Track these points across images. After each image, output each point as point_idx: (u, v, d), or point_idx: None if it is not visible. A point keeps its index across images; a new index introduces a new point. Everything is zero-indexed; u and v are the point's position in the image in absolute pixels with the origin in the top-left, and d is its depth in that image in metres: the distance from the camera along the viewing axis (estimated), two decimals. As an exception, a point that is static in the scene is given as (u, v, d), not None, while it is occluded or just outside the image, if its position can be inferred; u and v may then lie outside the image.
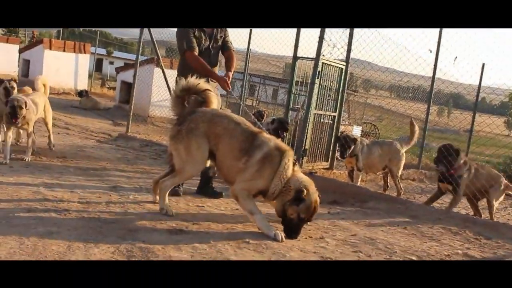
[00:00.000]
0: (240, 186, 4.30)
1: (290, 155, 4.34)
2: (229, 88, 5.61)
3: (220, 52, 5.89)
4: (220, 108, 5.67)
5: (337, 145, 8.20)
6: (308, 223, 4.43)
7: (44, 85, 7.44)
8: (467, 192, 6.62)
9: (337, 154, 8.32)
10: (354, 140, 7.83)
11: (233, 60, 5.86)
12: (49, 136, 7.61)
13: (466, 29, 7.52)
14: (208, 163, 4.70)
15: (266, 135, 4.54)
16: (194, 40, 5.51)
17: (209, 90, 4.73)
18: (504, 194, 6.85)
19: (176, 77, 5.62)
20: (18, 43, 22.99)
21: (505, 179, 6.91)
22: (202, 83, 4.68)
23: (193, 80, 4.66)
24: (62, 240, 3.49)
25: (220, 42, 5.81)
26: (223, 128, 4.44)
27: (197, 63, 5.45)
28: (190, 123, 4.46)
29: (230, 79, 5.64)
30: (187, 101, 4.70)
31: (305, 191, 4.14)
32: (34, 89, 7.48)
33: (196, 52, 5.51)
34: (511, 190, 6.99)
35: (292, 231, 4.21)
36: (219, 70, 6.18)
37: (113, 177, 6.28)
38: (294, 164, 4.35)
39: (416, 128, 8.35)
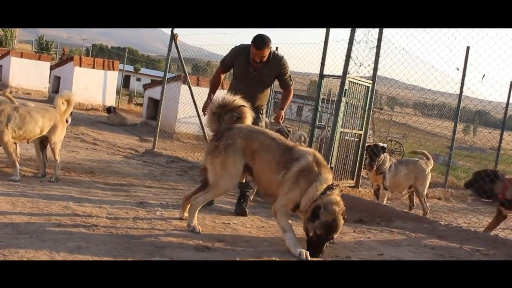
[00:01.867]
0: (280, 203, 4.32)
1: (327, 178, 4.29)
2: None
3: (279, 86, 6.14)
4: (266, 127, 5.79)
5: (367, 155, 8.12)
6: (334, 241, 4.40)
7: (67, 102, 6.47)
8: None
9: (365, 163, 8.21)
10: (383, 148, 7.78)
11: (289, 97, 6.05)
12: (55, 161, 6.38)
13: (494, 48, 7.42)
14: (244, 179, 4.76)
15: (302, 148, 4.56)
16: (227, 63, 5.97)
17: (244, 106, 4.78)
18: None
19: (210, 94, 5.84)
20: (49, 60, 23.59)
21: None
22: (237, 100, 4.73)
23: (228, 97, 4.72)
24: (91, 256, 3.53)
25: (268, 79, 5.91)
26: (260, 144, 4.48)
27: (212, 78, 6.30)
28: (227, 139, 4.51)
29: (282, 117, 5.93)
30: (222, 118, 4.74)
31: (322, 209, 4.11)
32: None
33: (222, 70, 6.07)
34: None
35: (312, 249, 4.18)
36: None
37: (140, 192, 6.33)
38: (330, 188, 4.26)
39: (424, 152, 8.56)
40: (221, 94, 4.99)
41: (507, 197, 6.25)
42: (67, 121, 6.70)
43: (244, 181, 5.04)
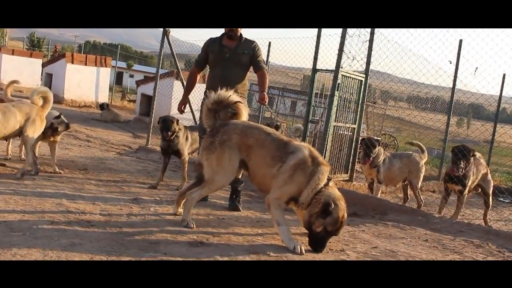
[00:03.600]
0: (274, 195, 4.33)
1: (326, 170, 4.35)
2: (182, 113, 6.28)
3: (253, 70, 6.15)
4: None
5: (360, 148, 8.13)
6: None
7: (45, 98, 6.30)
8: None
9: (359, 157, 8.23)
10: (377, 141, 7.79)
11: (265, 79, 6.04)
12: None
13: (487, 41, 7.44)
14: (240, 174, 4.80)
15: (297, 142, 4.58)
16: (200, 58, 6.23)
17: (240, 102, 4.78)
18: None
19: (206, 90, 5.91)
20: (41, 58, 23.43)
21: None
22: (233, 96, 4.74)
23: (224, 92, 4.72)
24: (85, 252, 3.52)
25: (243, 58, 5.97)
26: (255, 139, 4.49)
27: (187, 78, 6.49)
28: (223, 135, 4.52)
29: (266, 99, 5.89)
30: (218, 114, 4.74)
31: (333, 205, 4.16)
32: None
33: (197, 68, 6.32)
34: None
35: (317, 244, 4.24)
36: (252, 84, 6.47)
37: (134, 189, 6.33)
38: (329, 180, 4.36)
39: (420, 144, 8.59)
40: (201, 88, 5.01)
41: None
42: (68, 128, 6.71)
43: (240, 177, 5.06)
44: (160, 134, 6.79)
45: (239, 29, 5.97)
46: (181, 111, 6.30)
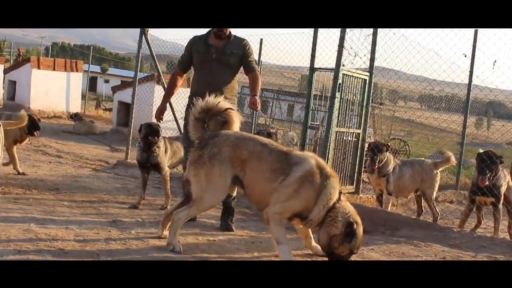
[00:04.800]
0: (274, 209, 4.31)
1: (337, 182, 4.39)
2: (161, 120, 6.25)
3: (244, 72, 6.14)
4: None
5: (367, 156, 8.15)
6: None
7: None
8: None
9: (366, 165, 8.25)
10: (387, 146, 7.81)
11: (258, 81, 6.04)
12: None
13: (505, 30, 7.51)
14: (235, 192, 4.80)
15: (300, 151, 4.59)
16: (184, 58, 6.23)
17: (230, 109, 4.78)
18: None
19: (190, 96, 5.90)
20: (2, 63, 23.34)
21: None
22: (222, 102, 4.73)
23: (212, 99, 4.69)
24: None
25: (231, 59, 5.97)
26: (250, 152, 4.48)
27: (169, 80, 6.53)
28: (213, 147, 4.50)
29: (258, 104, 5.86)
30: (207, 123, 4.74)
31: (355, 224, 4.24)
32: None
33: (180, 69, 6.32)
34: None
35: None
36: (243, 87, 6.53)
37: (112, 210, 6.32)
38: (340, 193, 4.40)
39: (448, 154, 8.32)
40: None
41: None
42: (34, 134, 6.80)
43: (234, 194, 5.07)
44: (142, 142, 6.73)
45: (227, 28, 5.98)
46: (159, 118, 6.26)
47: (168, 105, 6.73)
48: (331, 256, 4.34)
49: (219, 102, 4.70)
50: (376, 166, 7.68)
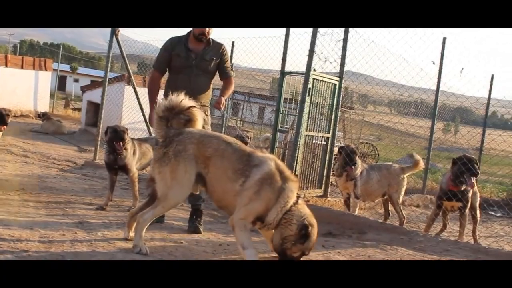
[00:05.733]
0: (238, 215, 4.33)
1: (295, 187, 4.42)
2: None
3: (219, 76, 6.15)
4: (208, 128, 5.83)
5: (336, 160, 8.21)
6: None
7: None
8: None
9: (334, 169, 8.32)
10: (356, 151, 7.89)
11: (231, 87, 6.10)
12: None
13: (472, 39, 7.67)
14: (197, 190, 4.79)
15: (262, 153, 4.60)
16: (163, 59, 6.06)
17: (194, 107, 4.78)
18: None
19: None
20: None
21: None
22: (185, 101, 4.72)
23: (175, 98, 4.70)
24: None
25: (210, 66, 5.97)
26: (214, 149, 4.49)
27: (150, 84, 6.19)
28: (177, 145, 4.50)
29: (223, 104, 5.86)
30: (170, 122, 4.73)
31: (310, 227, 4.26)
32: None
33: (159, 72, 6.14)
34: None
35: None
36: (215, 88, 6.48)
37: (79, 211, 6.26)
38: (298, 197, 4.43)
39: (417, 158, 8.33)
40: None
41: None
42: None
43: (198, 192, 5.06)
44: (108, 145, 6.71)
45: (210, 30, 5.90)
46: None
47: (138, 105, 6.69)
48: (282, 256, 4.35)
49: (181, 100, 4.70)
50: (352, 170, 7.74)
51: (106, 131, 6.66)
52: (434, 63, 10.63)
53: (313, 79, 7.66)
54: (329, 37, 7.85)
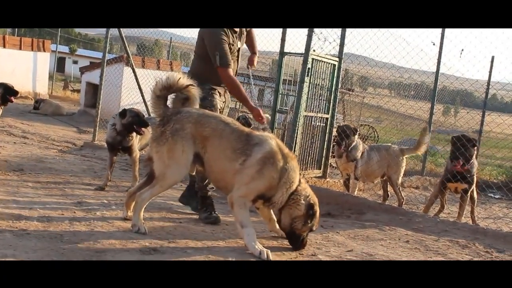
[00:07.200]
0: (238, 193, 4.33)
1: (296, 165, 4.48)
2: (264, 122, 5.54)
3: None
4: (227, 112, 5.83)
5: (335, 140, 8.21)
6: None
7: None
8: None
9: (334, 150, 8.32)
10: (355, 130, 7.87)
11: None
12: None
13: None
14: (194, 170, 4.81)
15: (260, 132, 4.60)
16: (229, 52, 5.42)
17: (192, 85, 4.75)
18: None
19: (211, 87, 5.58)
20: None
21: None
22: (182, 79, 4.69)
23: (172, 76, 4.67)
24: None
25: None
26: (212, 129, 4.49)
27: (233, 86, 5.48)
28: (175, 124, 4.48)
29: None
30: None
31: (315, 206, 4.41)
32: None
33: (231, 70, 5.46)
34: None
35: (301, 243, 4.52)
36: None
37: (78, 191, 6.26)
38: (299, 174, 4.49)
39: (427, 138, 8.23)
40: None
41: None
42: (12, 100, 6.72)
43: (193, 173, 5.06)
44: (124, 128, 6.53)
45: None
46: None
47: (137, 86, 6.59)
48: (291, 235, 4.44)
49: (179, 78, 4.67)
50: (343, 150, 7.75)
51: (124, 114, 6.52)
52: (434, 44, 10.57)
53: (312, 59, 7.63)
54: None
